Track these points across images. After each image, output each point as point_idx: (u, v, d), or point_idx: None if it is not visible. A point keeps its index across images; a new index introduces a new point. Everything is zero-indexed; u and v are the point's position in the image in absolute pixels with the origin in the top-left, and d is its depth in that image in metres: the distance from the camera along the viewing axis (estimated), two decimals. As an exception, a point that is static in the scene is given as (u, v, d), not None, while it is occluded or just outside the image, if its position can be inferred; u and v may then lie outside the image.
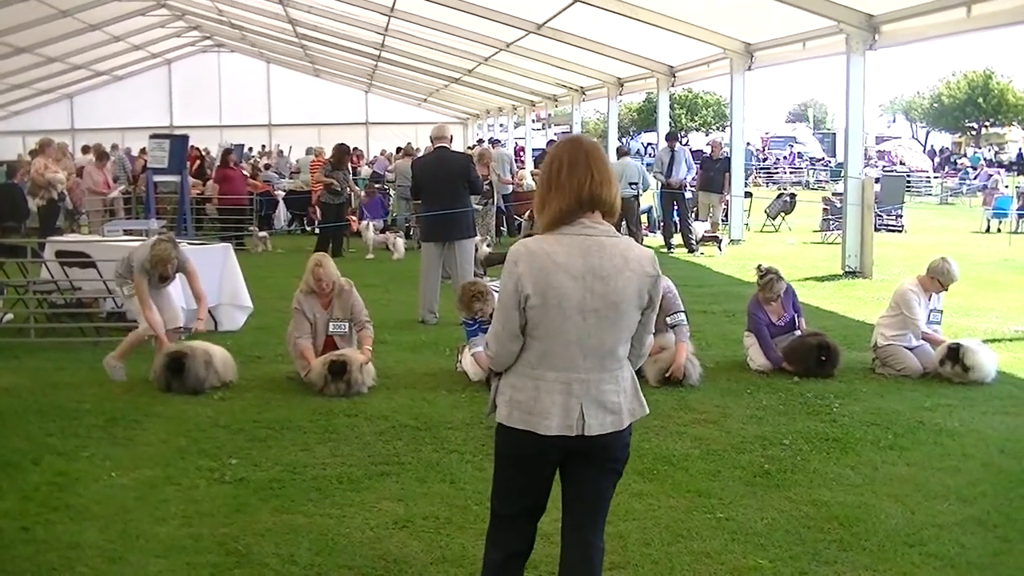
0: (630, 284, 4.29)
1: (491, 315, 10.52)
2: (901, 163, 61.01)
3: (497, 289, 10.50)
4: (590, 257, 4.26)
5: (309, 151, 31.83)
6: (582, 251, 4.26)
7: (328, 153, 24.03)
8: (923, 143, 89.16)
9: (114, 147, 33.42)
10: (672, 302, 10.55)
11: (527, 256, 4.30)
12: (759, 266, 11.64)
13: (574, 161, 4.34)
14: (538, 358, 4.36)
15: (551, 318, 4.27)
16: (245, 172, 25.56)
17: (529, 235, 14.75)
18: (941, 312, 11.19)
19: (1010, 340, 12.73)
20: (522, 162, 39.57)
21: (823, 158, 69.37)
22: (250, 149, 40.83)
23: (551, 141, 31.94)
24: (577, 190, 4.28)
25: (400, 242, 22.79)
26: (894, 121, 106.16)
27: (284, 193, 30.27)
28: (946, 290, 11.03)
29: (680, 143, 26.02)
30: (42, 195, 21.93)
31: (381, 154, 41.05)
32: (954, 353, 10.50)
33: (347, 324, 10.76)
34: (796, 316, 11.35)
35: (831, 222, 26.31)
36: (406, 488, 7.29)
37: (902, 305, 11.00)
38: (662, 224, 25.29)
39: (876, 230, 20.60)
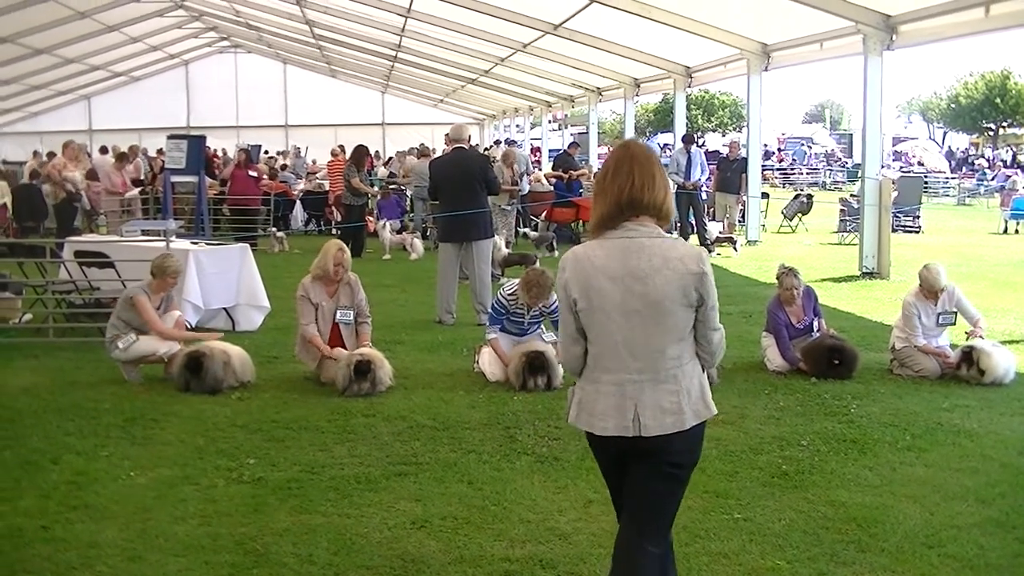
0: (670, 283, 4.34)
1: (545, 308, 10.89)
2: (919, 164, 60.83)
3: (509, 292, 10.76)
4: (629, 259, 4.35)
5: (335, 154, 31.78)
6: (622, 253, 4.36)
7: (347, 154, 24.03)
8: (940, 144, 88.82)
9: (132, 148, 33.50)
10: None
11: (573, 262, 4.48)
12: (780, 264, 11.66)
13: (618, 166, 4.46)
14: (594, 361, 4.51)
15: (597, 320, 4.42)
16: (253, 173, 25.45)
17: (546, 235, 15.08)
18: (954, 313, 11.08)
19: (1028, 341, 12.68)
20: (538, 162, 39.58)
21: (840, 158, 69.21)
22: (266, 152, 40.84)
23: (573, 143, 31.94)
24: (617, 195, 4.40)
25: (418, 243, 22.80)
26: (911, 122, 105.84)
27: (301, 193, 30.32)
28: (937, 297, 10.94)
29: (696, 145, 25.99)
30: (57, 192, 22.07)
31: (397, 155, 41.09)
32: (968, 356, 10.50)
33: (353, 313, 10.83)
34: (817, 319, 11.32)
35: (848, 223, 26.23)
36: (424, 488, 7.29)
37: (901, 318, 11.03)
38: (679, 225, 25.26)
39: (893, 231, 20.52)
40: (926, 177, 47.78)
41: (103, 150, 33.36)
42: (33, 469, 7.73)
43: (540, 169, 34.31)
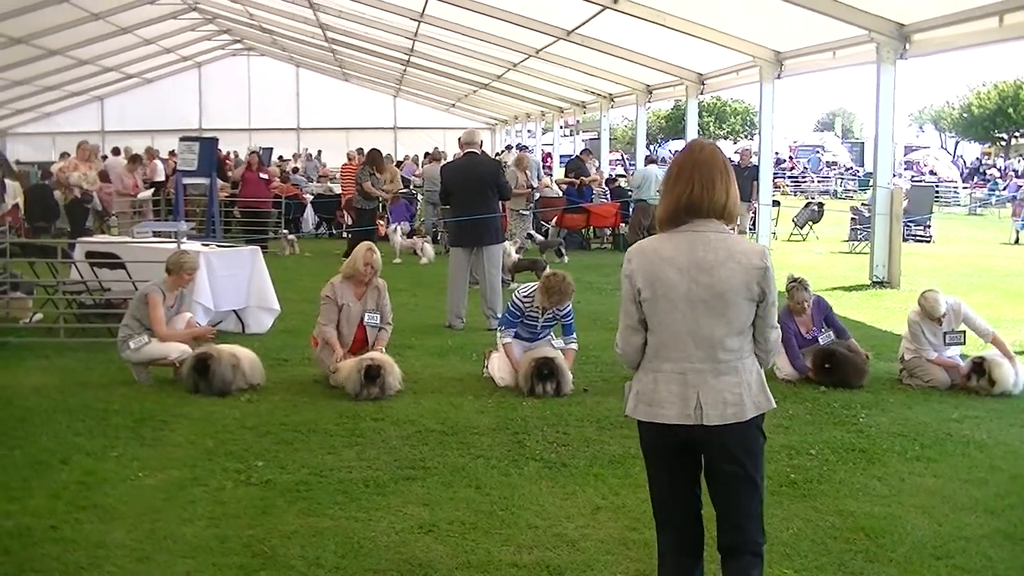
0: (735, 275, 4.48)
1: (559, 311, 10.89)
2: (931, 173, 60.74)
3: (525, 294, 10.79)
4: (695, 251, 4.50)
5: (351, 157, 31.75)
6: (688, 246, 4.52)
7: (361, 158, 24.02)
8: (952, 153, 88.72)
9: (149, 150, 33.62)
10: None
11: (639, 254, 4.65)
12: (790, 275, 11.62)
13: (680, 171, 4.62)
14: (655, 350, 4.61)
15: (661, 310, 4.54)
16: (264, 176, 25.47)
17: (554, 240, 15.15)
18: (962, 332, 11.00)
19: (1039, 352, 12.63)
20: (549, 168, 39.56)
21: (851, 167, 69.17)
22: (280, 157, 40.81)
23: (586, 150, 31.89)
24: (676, 199, 4.57)
25: (428, 247, 22.81)
26: (923, 131, 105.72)
27: (312, 196, 30.36)
28: (940, 322, 10.90)
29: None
30: (65, 193, 22.14)
31: (405, 159, 41.10)
32: (979, 367, 10.47)
33: (379, 316, 10.92)
34: (829, 329, 11.27)
35: (859, 232, 26.21)
36: (432, 493, 7.30)
37: (908, 334, 11.00)
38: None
39: (904, 240, 20.51)
40: (937, 186, 47.71)
41: (115, 151, 33.41)
42: (42, 469, 7.75)
43: (551, 175, 34.34)
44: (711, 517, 4.82)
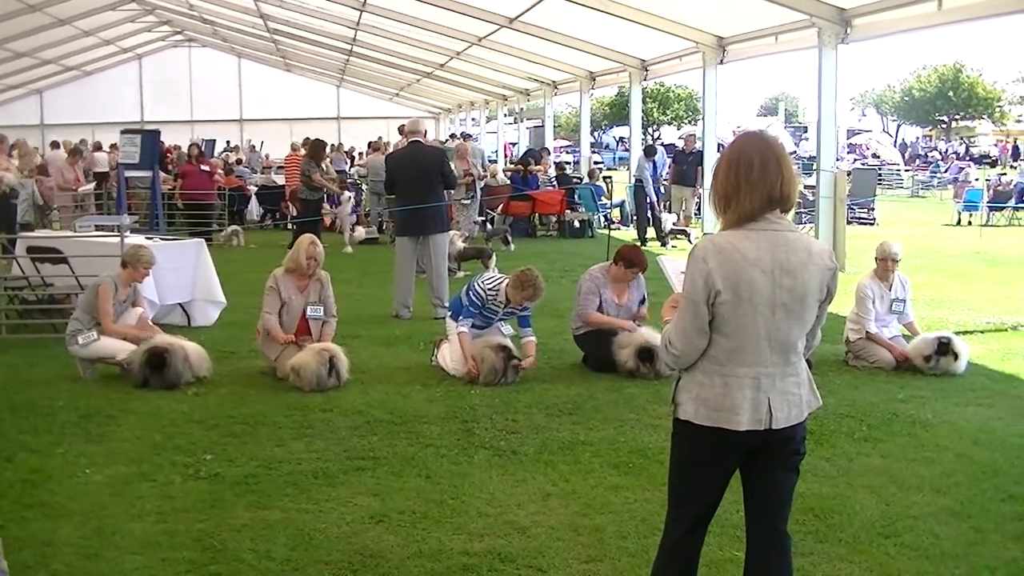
0: (814, 278, 4.34)
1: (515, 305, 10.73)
2: (874, 156, 61.31)
3: (489, 286, 10.64)
4: (777, 251, 4.30)
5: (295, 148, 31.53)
6: (770, 246, 4.31)
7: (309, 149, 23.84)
8: (894, 136, 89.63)
9: (82, 142, 33.25)
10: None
11: (715, 252, 4.33)
12: None
13: (765, 160, 4.34)
14: (727, 354, 4.36)
15: (742, 313, 4.29)
16: (206, 168, 25.27)
17: (500, 228, 14.91)
18: (904, 301, 11.20)
19: (981, 332, 12.80)
20: (507, 157, 39.51)
21: (794, 151, 69.64)
22: (224, 152, 40.43)
23: (544, 148, 31.84)
24: (769, 189, 4.31)
25: (360, 230, 22.71)
26: (865, 115, 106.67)
27: (256, 188, 30.17)
28: (891, 268, 11.03)
29: (658, 154, 26.01)
30: None
31: (336, 150, 40.82)
32: (946, 346, 10.58)
33: (323, 309, 10.84)
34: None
35: (803, 215, 26.37)
36: (382, 483, 7.27)
37: (855, 301, 11.12)
38: (635, 217, 25.39)
39: (848, 223, 20.69)
40: (880, 169, 48.16)
41: (55, 145, 32.98)
42: (-13, 467, 7.65)
43: (496, 162, 34.32)
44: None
